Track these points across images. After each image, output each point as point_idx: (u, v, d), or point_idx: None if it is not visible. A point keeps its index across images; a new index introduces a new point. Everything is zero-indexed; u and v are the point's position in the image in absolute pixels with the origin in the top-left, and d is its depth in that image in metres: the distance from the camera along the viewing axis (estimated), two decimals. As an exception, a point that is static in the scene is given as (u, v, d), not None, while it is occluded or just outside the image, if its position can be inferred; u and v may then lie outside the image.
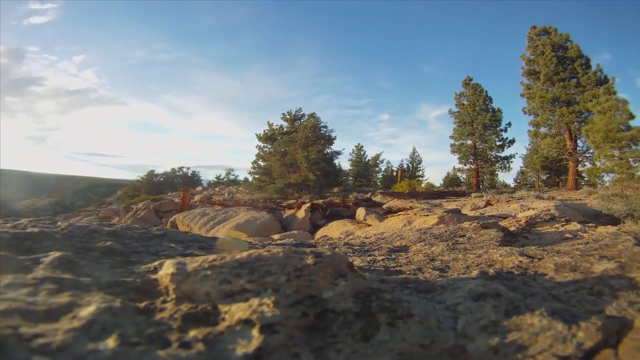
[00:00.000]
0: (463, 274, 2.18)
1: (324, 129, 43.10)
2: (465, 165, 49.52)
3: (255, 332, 1.19)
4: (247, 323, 1.22)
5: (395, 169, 57.95)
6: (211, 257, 1.53)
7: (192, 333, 1.19)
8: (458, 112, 49.46)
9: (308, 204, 22.30)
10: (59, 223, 2.75)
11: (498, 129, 46.80)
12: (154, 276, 1.77)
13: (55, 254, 1.87)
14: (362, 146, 58.33)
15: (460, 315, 1.42)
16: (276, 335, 1.19)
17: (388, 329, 1.30)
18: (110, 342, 1.09)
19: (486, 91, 47.98)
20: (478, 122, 46.63)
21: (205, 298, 1.37)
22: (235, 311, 1.28)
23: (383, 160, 60.61)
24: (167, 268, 1.53)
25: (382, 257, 2.78)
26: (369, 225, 14.87)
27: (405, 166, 58.50)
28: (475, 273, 2.07)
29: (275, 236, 15.42)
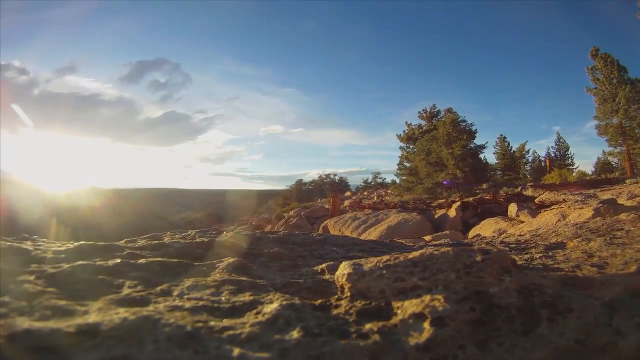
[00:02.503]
0: (621, 269, 2.10)
1: (464, 123, 41.35)
2: (615, 148, 43.72)
3: (426, 325, 1.25)
4: (419, 317, 1.28)
5: (544, 159, 54.43)
6: (385, 257, 1.62)
7: (367, 326, 1.28)
8: (596, 88, 43.12)
9: (458, 203, 21.39)
10: (224, 233, 2.96)
11: (643, 101, 40.37)
12: (323, 277, 1.89)
13: (229, 260, 2.05)
14: (505, 137, 54.89)
15: (616, 312, 1.38)
16: (445, 328, 1.23)
17: (547, 324, 1.29)
18: (295, 334, 1.21)
19: (617, 60, 41.73)
20: (619, 96, 40.09)
21: (379, 295, 1.46)
22: (408, 306, 1.35)
23: (529, 150, 56.86)
24: (344, 269, 1.65)
25: (539, 255, 2.71)
26: (522, 222, 14.03)
27: (552, 154, 54.64)
28: (633, 269, 1.98)
29: (427, 237, 14.79)
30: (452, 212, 20.67)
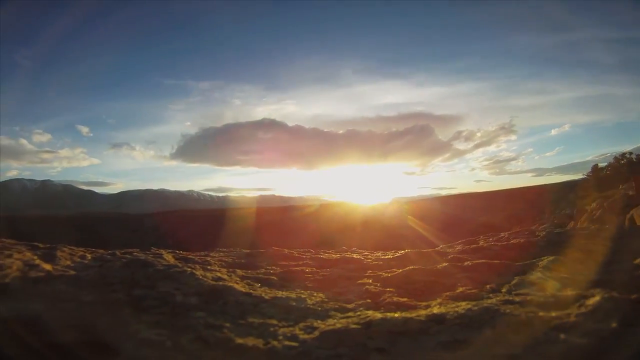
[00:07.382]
0: None
1: None
2: None
3: None
4: None
5: None
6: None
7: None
8: None
9: None
10: (536, 233, 3.13)
11: None
12: (639, 273, 1.99)
13: (549, 258, 2.26)
14: None
15: None
16: None
17: None
18: (613, 324, 1.40)
19: None
20: None
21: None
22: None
23: None
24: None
25: None
26: None
27: None
28: None
29: None
30: None
